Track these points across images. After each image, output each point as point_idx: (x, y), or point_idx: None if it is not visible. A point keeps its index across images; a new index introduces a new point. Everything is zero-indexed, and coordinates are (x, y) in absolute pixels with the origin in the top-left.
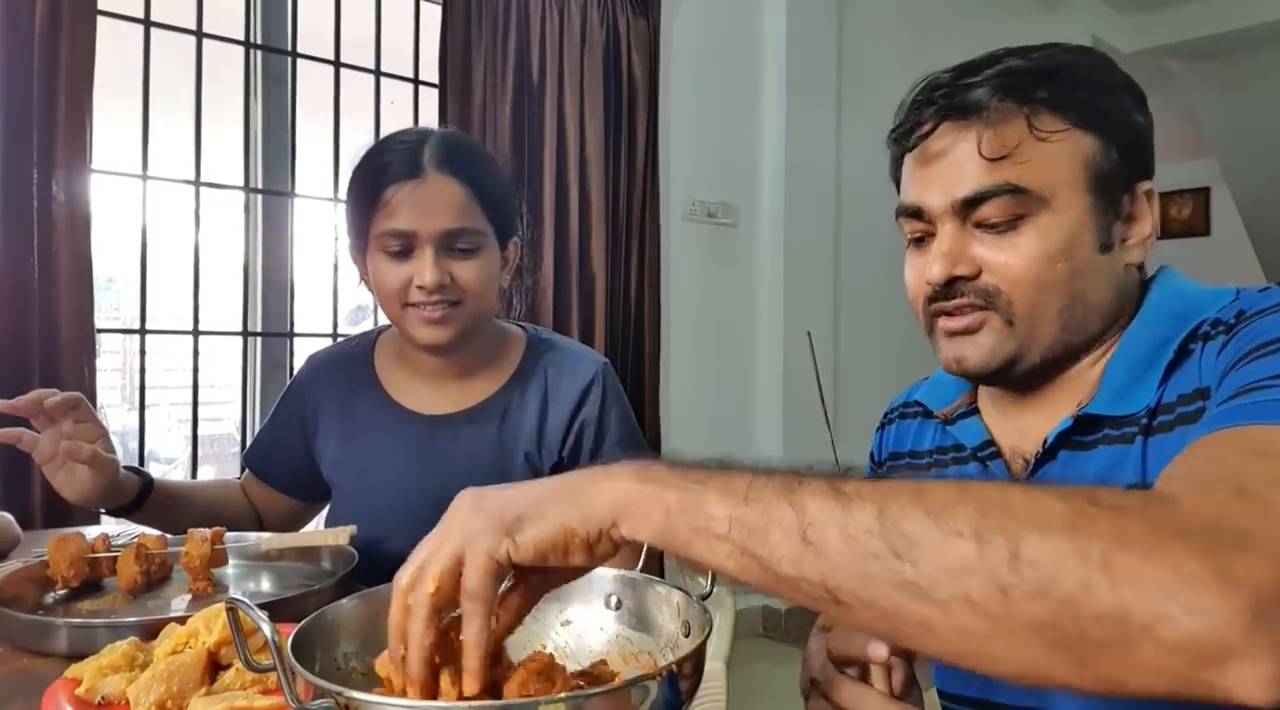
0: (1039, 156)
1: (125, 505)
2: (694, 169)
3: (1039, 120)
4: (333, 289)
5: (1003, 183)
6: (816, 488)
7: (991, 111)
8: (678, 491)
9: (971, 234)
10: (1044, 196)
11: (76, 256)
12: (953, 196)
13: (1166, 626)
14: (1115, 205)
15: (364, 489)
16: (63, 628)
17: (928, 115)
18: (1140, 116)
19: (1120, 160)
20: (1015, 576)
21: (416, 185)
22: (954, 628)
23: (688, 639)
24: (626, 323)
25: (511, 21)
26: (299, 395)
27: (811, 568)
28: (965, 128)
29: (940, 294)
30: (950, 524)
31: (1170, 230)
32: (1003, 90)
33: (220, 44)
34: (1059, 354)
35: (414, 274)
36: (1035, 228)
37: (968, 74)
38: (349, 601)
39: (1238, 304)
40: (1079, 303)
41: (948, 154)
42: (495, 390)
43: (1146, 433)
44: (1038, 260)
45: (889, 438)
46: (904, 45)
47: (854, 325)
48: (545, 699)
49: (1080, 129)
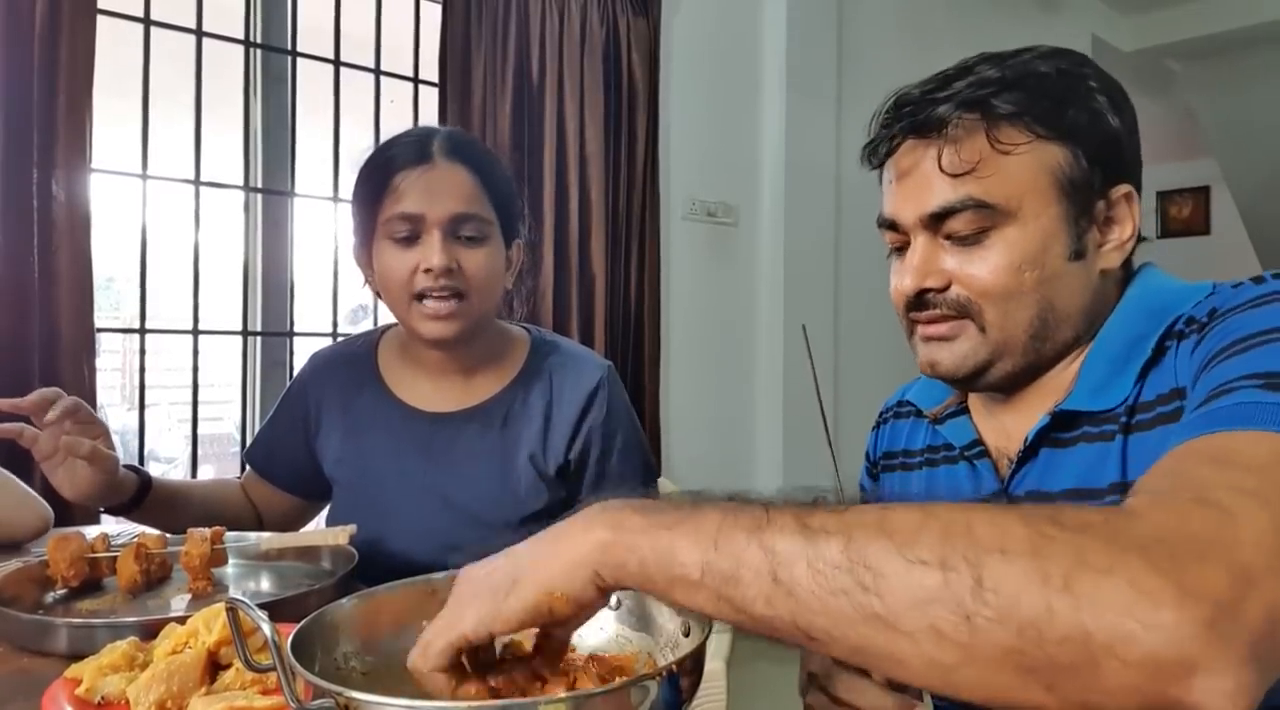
0: (1003, 170)
1: (124, 503)
2: (694, 169)
3: (1001, 134)
4: (333, 289)
5: (966, 197)
6: (784, 525)
7: (953, 127)
8: (650, 540)
9: (943, 246)
10: (1009, 209)
11: (76, 256)
12: (921, 211)
13: (1128, 644)
14: (1088, 212)
15: (365, 486)
16: (63, 628)
17: (894, 132)
18: (1116, 119)
19: (1091, 167)
20: (979, 604)
21: (425, 171)
22: (923, 658)
23: (688, 639)
24: (626, 323)
25: (511, 21)
26: (301, 393)
27: (784, 607)
28: (928, 145)
29: (914, 304)
30: (914, 552)
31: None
32: (965, 106)
33: (220, 43)
34: (1032, 360)
35: (421, 260)
36: (1001, 240)
37: (935, 88)
38: (349, 601)
39: (1211, 300)
40: (1049, 311)
41: (914, 170)
42: (499, 390)
43: (1126, 430)
44: (1004, 271)
45: (883, 437)
46: (904, 45)
47: (854, 325)
48: (545, 699)
49: (1046, 139)
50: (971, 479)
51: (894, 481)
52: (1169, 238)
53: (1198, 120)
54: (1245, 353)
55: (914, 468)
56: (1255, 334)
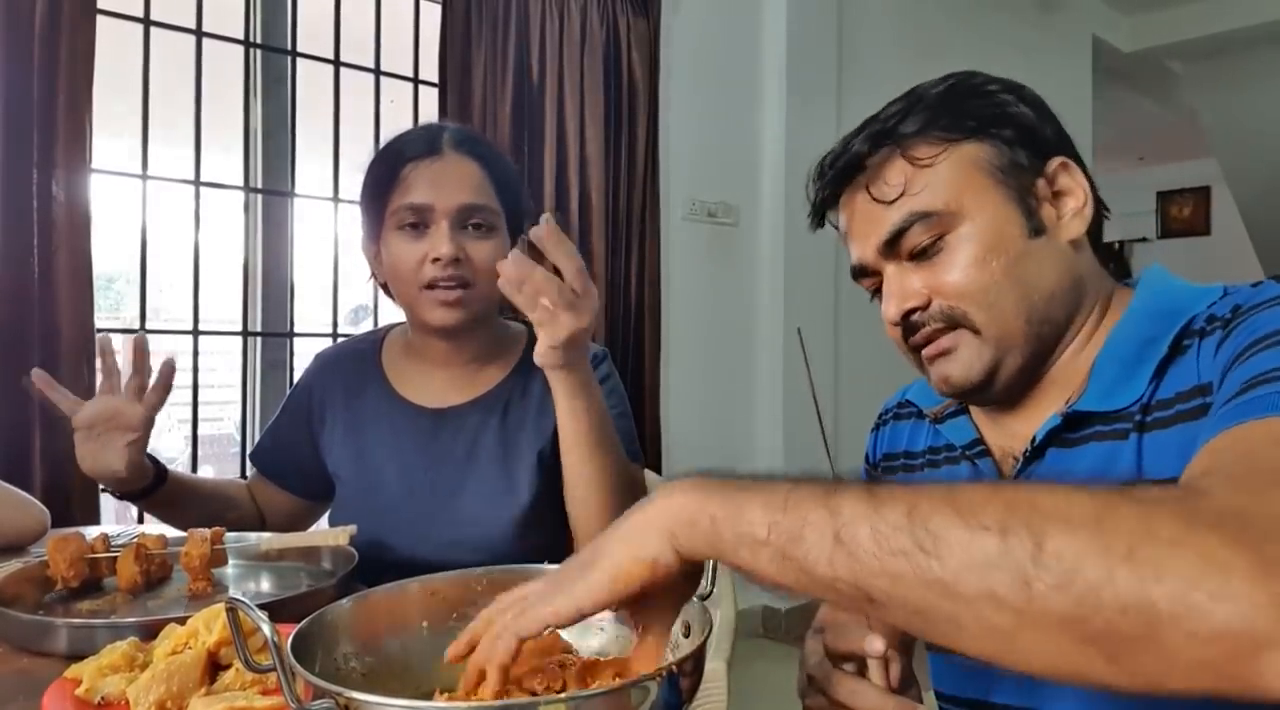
0: (931, 181)
1: (138, 490)
2: (694, 169)
3: (915, 151)
4: (333, 289)
5: (909, 215)
6: (852, 491)
7: (871, 162)
8: (722, 497)
9: (909, 268)
10: (951, 210)
11: (76, 256)
12: (876, 242)
13: (1193, 616)
14: (1030, 191)
15: (367, 482)
16: (63, 628)
17: (824, 188)
18: (1022, 107)
19: (1015, 150)
20: (1039, 569)
21: (434, 161)
22: (981, 623)
23: (688, 639)
24: (626, 322)
25: (511, 21)
26: (306, 392)
27: (844, 567)
28: (856, 187)
29: (908, 328)
30: (976, 519)
31: (1170, 230)
32: (870, 142)
33: (220, 43)
34: (1035, 348)
35: (429, 249)
36: (959, 239)
37: (848, 140)
38: (349, 602)
39: (1231, 299)
40: (1031, 290)
41: (855, 213)
42: (499, 381)
43: (1141, 428)
44: (971, 268)
45: (883, 439)
46: (904, 45)
47: (854, 325)
48: (545, 699)
49: (958, 142)
50: (973, 479)
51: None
52: (1169, 238)
53: (1198, 120)
54: (1278, 346)
55: (916, 468)
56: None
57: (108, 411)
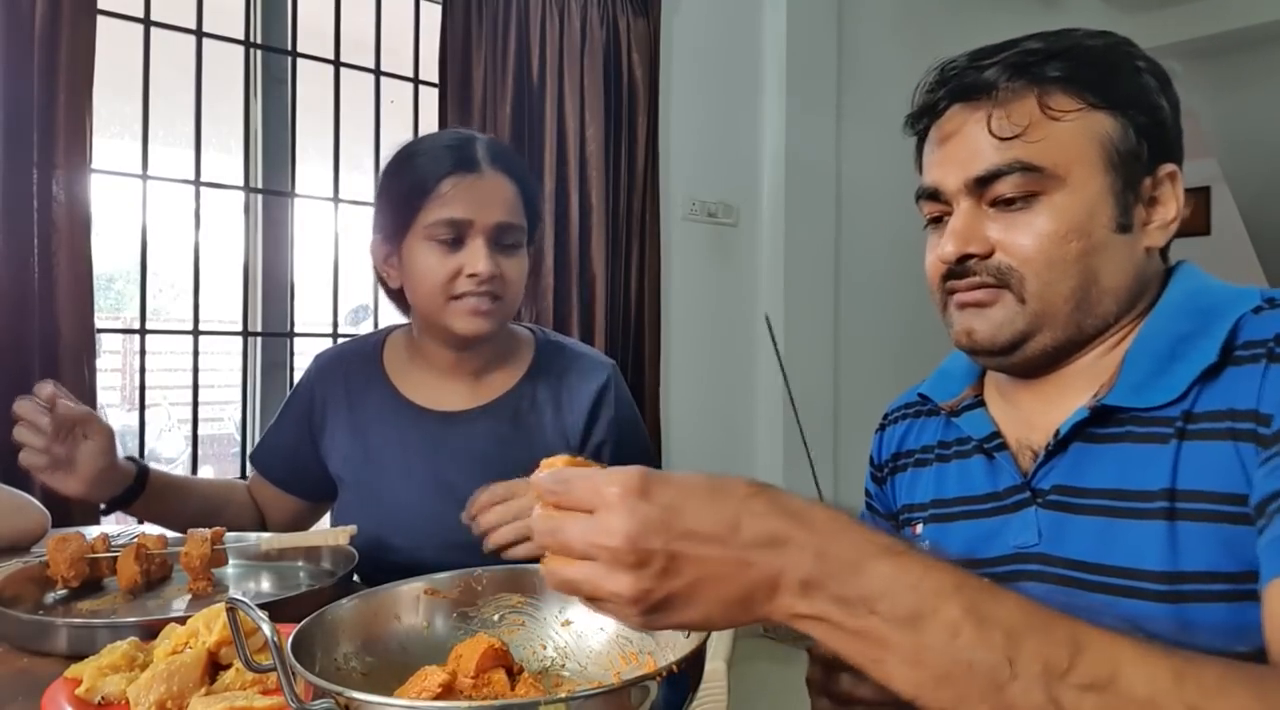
0: (1052, 135)
1: (123, 495)
2: (694, 169)
3: (1051, 99)
4: (333, 289)
5: (1014, 161)
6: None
7: (1001, 91)
8: None
9: (986, 213)
10: (1058, 174)
11: (76, 256)
12: (966, 175)
13: None
14: (1135, 187)
15: (372, 483)
16: (63, 628)
17: (939, 97)
18: (1163, 99)
19: (1140, 141)
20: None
21: (475, 179)
22: None
23: (688, 639)
24: (626, 323)
25: (511, 21)
26: (307, 393)
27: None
28: (975, 108)
29: (954, 271)
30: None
31: None
32: (1012, 70)
33: (220, 43)
34: (1071, 335)
35: (465, 264)
36: (1050, 205)
37: (981, 57)
38: (349, 601)
39: (1271, 322)
40: (1093, 283)
41: (960, 135)
42: (507, 388)
43: (1182, 436)
44: (1050, 238)
45: (890, 440)
46: (904, 45)
47: (854, 325)
48: (545, 699)
49: (1096, 108)
50: (988, 472)
51: (904, 480)
52: None
53: (1198, 120)
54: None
55: (926, 464)
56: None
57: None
